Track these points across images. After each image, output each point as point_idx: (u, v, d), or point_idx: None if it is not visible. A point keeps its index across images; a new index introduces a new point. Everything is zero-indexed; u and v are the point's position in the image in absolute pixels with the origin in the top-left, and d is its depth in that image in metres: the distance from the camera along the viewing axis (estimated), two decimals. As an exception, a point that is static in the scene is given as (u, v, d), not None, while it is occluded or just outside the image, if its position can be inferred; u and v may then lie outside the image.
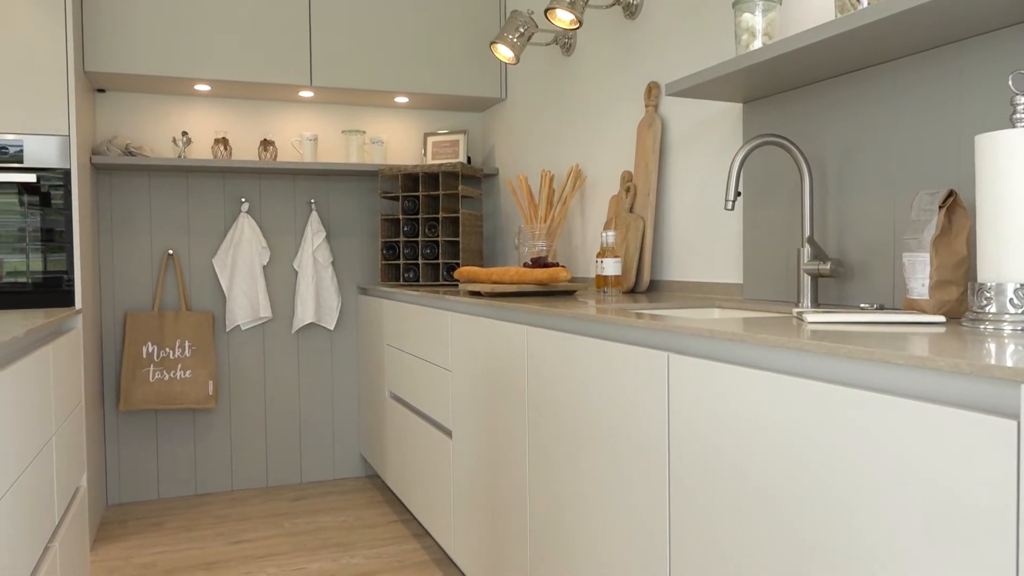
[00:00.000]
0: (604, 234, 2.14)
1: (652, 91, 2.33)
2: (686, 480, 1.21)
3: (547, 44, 2.86)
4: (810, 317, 1.20)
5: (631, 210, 2.38)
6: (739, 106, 2.00)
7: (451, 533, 2.34)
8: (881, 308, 1.49)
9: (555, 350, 1.64)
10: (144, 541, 2.82)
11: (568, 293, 2.22)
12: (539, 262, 2.34)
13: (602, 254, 2.14)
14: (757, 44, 1.67)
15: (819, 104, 1.71)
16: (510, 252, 3.47)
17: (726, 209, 1.64)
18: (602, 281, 2.14)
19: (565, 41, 2.85)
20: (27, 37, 2.52)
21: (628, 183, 2.41)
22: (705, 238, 2.15)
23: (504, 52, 2.75)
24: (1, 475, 1.13)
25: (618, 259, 2.13)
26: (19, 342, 1.31)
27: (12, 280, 2.54)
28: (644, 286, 2.29)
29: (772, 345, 1.02)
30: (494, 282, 2.22)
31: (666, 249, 2.31)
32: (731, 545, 1.12)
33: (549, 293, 2.19)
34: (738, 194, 1.60)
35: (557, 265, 2.26)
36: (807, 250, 1.63)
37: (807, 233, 1.64)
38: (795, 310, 1.40)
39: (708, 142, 2.13)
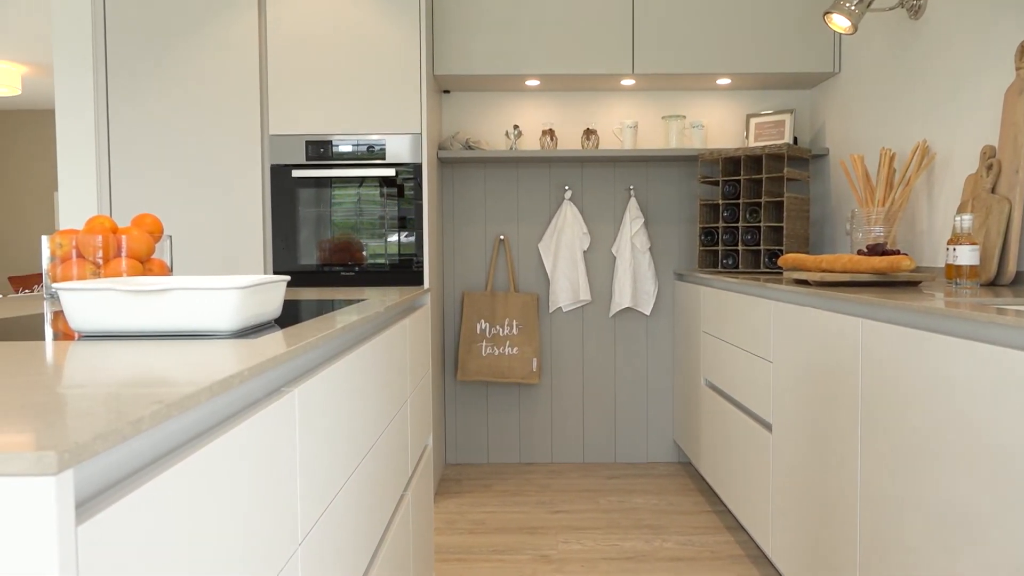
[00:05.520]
0: (958, 218, 1.89)
1: (1025, 51, 2.00)
2: (1065, 506, 1.03)
3: (890, 8, 2.59)
4: None
5: (993, 191, 2.08)
6: None
7: (768, 529, 2.25)
8: None
9: (896, 346, 1.49)
10: (476, 500, 3.11)
11: (911, 284, 2.01)
12: (876, 249, 2.14)
13: (955, 241, 1.90)
14: None
15: None
16: (840, 238, 3.22)
17: None
18: (954, 271, 1.90)
19: (913, 3, 2.56)
20: (389, 51, 2.88)
21: (990, 160, 2.10)
22: (1094, 222, 1.80)
23: (840, 22, 2.55)
24: (377, 423, 1.32)
25: (975, 246, 1.87)
26: (382, 316, 1.51)
27: (373, 262, 2.94)
28: (1008, 278, 1.98)
29: None
30: (823, 270, 2.08)
31: (1038, 235, 1.98)
32: None
33: (887, 284, 1.99)
34: None
35: (897, 253, 2.05)
36: None
37: None
38: None
39: (1102, 107, 1.77)
